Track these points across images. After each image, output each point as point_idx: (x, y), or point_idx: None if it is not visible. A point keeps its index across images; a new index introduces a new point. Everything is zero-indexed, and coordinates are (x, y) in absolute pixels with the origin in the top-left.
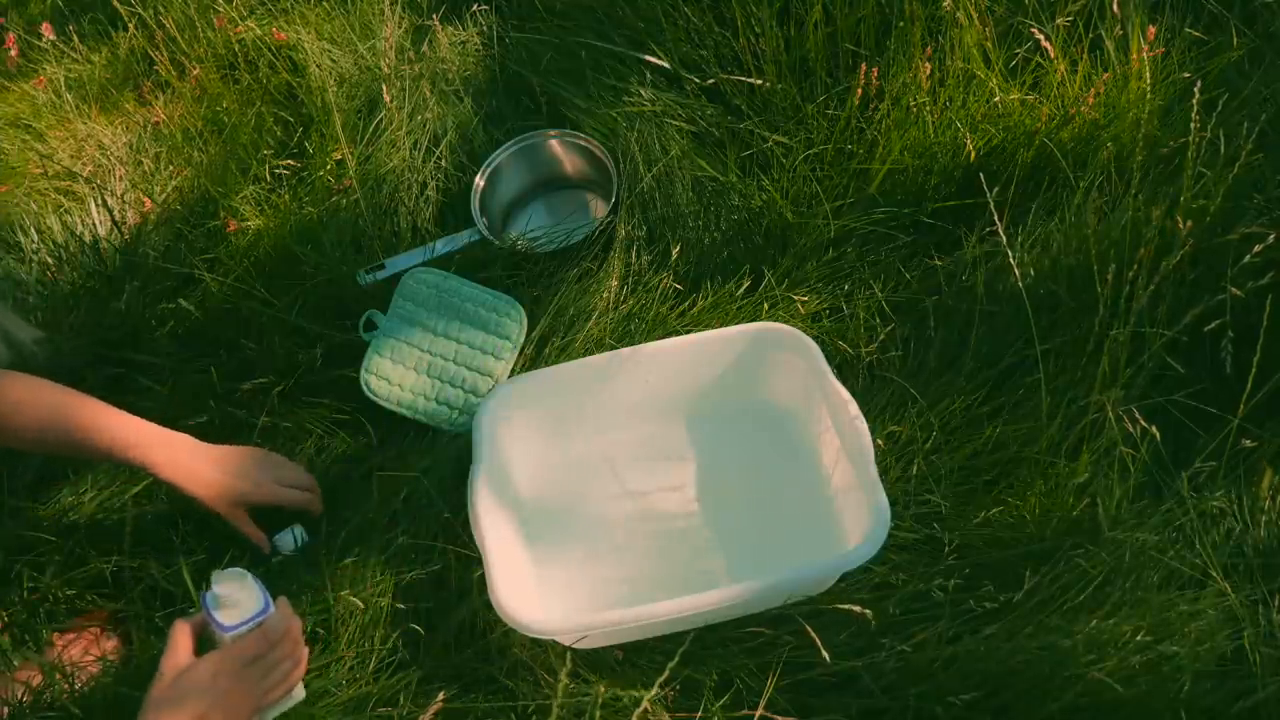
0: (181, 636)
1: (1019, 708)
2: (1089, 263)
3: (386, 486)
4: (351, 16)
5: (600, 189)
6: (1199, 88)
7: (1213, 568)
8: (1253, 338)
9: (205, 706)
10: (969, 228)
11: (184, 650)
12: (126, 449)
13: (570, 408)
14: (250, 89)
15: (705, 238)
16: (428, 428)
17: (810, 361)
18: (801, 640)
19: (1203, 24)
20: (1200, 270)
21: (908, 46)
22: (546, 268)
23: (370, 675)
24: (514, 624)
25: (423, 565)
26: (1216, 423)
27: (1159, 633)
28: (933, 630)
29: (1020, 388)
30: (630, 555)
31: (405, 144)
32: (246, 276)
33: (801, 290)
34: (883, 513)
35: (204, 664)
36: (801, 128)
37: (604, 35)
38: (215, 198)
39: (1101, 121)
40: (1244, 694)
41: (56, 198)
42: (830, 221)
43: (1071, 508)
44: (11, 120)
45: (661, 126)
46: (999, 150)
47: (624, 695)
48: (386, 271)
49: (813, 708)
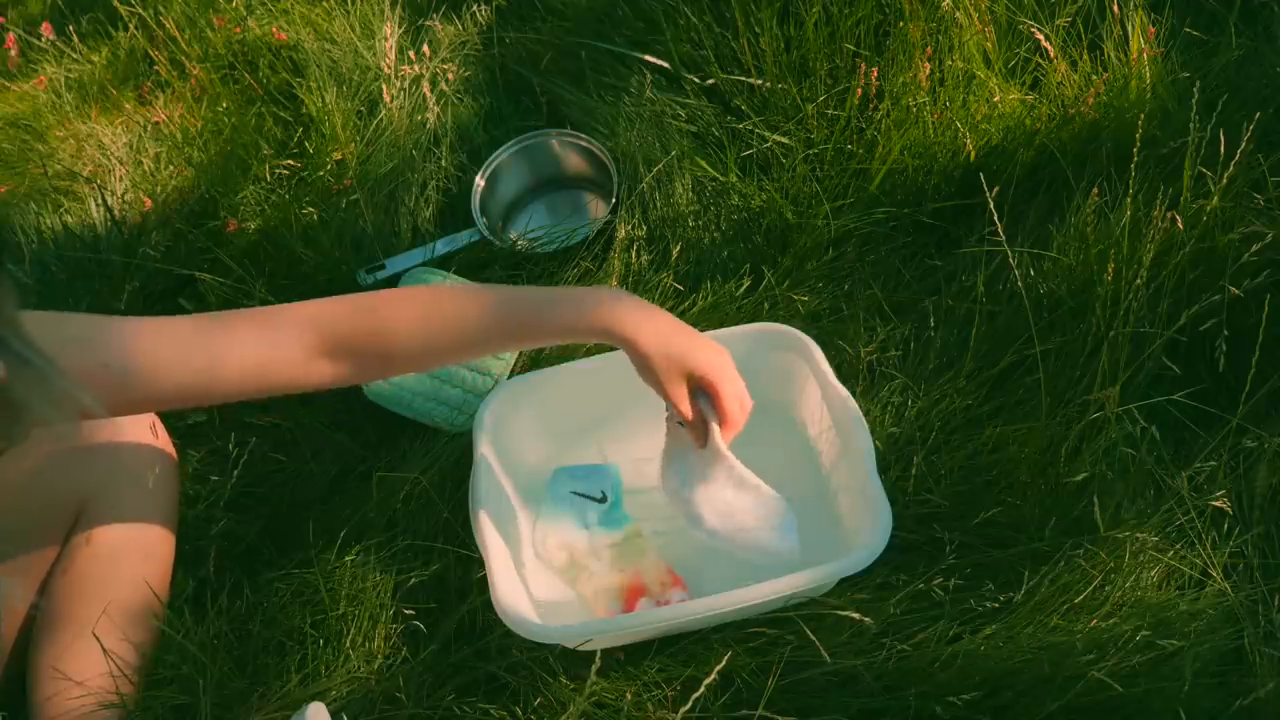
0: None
1: (1019, 708)
2: (1089, 262)
3: (386, 486)
4: (351, 16)
5: (600, 189)
6: (1199, 88)
7: (1213, 568)
8: (1252, 337)
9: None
10: (969, 228)
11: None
12: (596, 326)
13: (570, 408)
14: (250, 89)
15: (705, 238)
16: (428, 428)
17: (810, 361)
18: (801, 640)
19: (1203, 24)
20: (1200, 270)
21: (908, 46)
22: (546, 268)
23: (372, 675)
24: (515, 627)
25: (423, 565)
26: (1216, 423)
27: (1159, 633)
28: (933, 630)
29: (1020, 388)
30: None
31: (405, 144)
32: (246, 277)
33: (801, 290)
34: (885, 516)
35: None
36: (801, 128)
37: (604, 35)
38: (215, 198)
39: (1101, 121)
40: (1244, 694)
41: (56, 198)
42: (830, 221)
43: (1071, 508)
44: (11, 120)
45: (661, 126)
46: (999, 150)
47: (624, 695)
48: (386, 271)
49: (813, 708)
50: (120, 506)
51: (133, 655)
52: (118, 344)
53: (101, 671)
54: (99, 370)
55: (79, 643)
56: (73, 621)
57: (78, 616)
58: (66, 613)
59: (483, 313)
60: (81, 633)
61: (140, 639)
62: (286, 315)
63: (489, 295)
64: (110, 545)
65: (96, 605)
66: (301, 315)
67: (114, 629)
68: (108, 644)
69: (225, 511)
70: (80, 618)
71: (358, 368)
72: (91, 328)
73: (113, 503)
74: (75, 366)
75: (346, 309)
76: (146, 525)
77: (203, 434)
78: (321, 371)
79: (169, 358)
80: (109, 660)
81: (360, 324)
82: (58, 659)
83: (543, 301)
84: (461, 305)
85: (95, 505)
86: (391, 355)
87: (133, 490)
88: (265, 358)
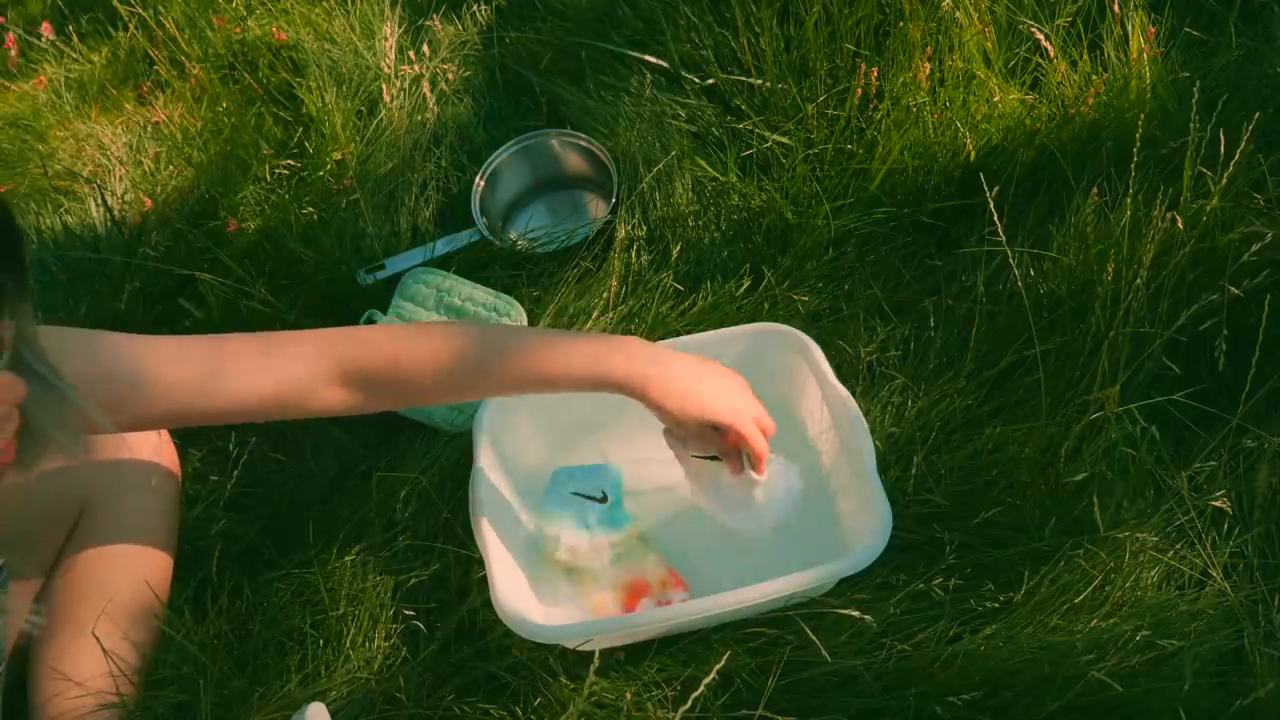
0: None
1: (1019, 708)
2: (1089, 262)
3: (386, 486)
4: (351, 16)
5: (600, 189)
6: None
7: (1213, 568)
8: (1252, 337)
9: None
10: (969, 228)
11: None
12: (611, 378)
13: (570, 408)
14: (250, 89)
15: (705, 238)
16: (428, 428)
17: (810, 361)
18: (801, 640)
19: (1203, 24)
20: (1200, 270)
21: (908, 46)
22: (546, 268)
23: (372, 675)
24: (515, 627)
25: (423, 565)
26: (1216, 423)
27: (1159, 633)
28: (933, 630)
29: (1020, 388)
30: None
31: (405, 144)
32: (246, 276)
33: (801, 290)
34: (885, 516)
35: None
36: (801, 128)
37: (604, 35)
38: (215, 198)
39: (1101, 121)
40: (1244, 694)
41: (56, 198)
42: (830, 221)
43: (1071, 508)
44: (11, 120)
45: (661, 126)
46: (999, 150)
47: (624, 695)
48: (386, 271)
49: (813, 708)
50: (122, 507)
51: (133, 655)
52: (131, 364)
53: (101, 672)
54: (118, 389)
55: (79, 643)
56: (72, 621)
57: (78, 616)
58: (66, 613)
59: (502, 359)
60: (81, 633)
61: (140, 639)
62: (304, 341)
63: (509, 340)
64: (111, 546)
65: (96, 605)
66: (320, 342)
67: (114, 629)
68: (108, 644)
69: (225, 511)
70: (80, 618)
71: (369, 397)
72: (104, 345)
73: (114, 504)
74: (90, 385)
75: (363, 339)
76: (147, 526)
77: (203, 434)
78: (335, 399)
79: (184, 378)
80: (109, 660)
81: (375, 354)
82: (58, 659)
83: (559, 352)
84: (477, 347)
85: (97, 506)
86: (402, 387)
87: (134, 491)
88: (280, 383)
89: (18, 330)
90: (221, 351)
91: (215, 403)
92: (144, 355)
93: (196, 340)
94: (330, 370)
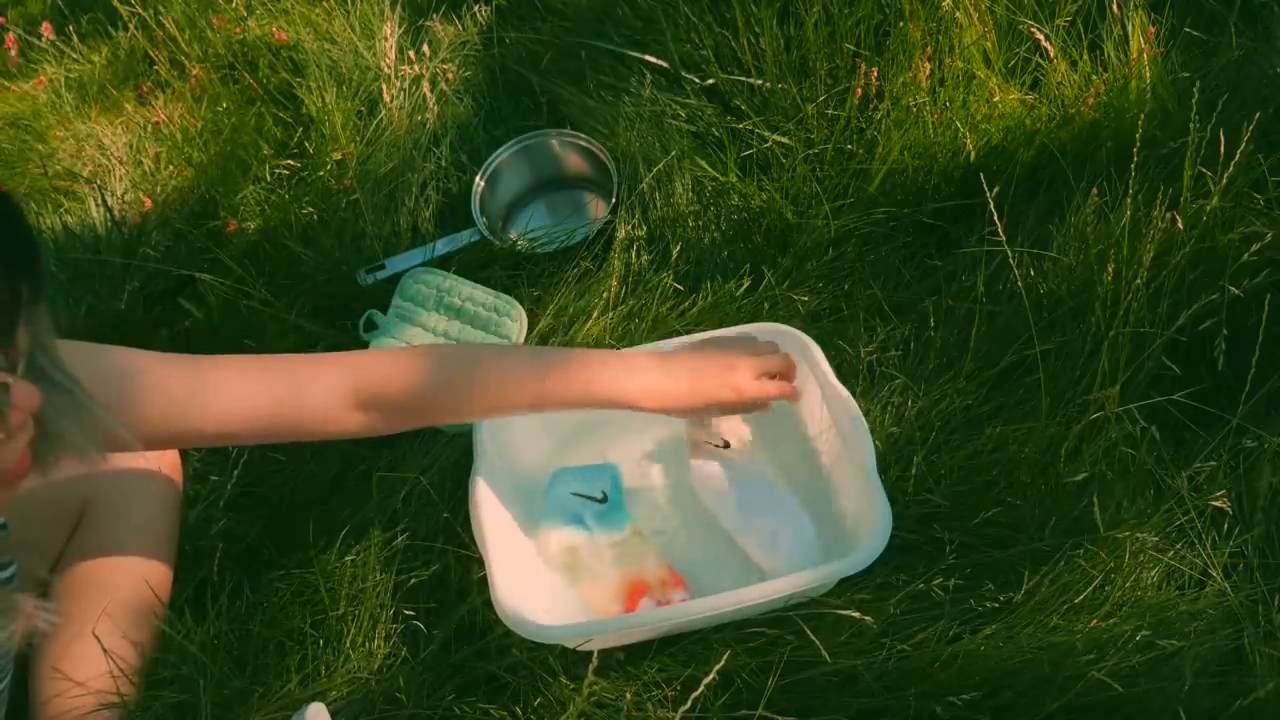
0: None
1: (1019, 708)
2: (1089, 262)
3: (386, 486)
4: (351, 16)
5: (600, 189)
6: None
7: (1213, 568)
8: (1252, 337)
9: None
10: (969, 228)
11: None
12: (609, 397)
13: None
14: (250, 89)
15: (705, 238)
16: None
17: (810, 361)
18: (801, 640)
19: (1202, 24)
20: (1200, 270)
21: (908, 46)
22: (546, 268)
23: (372, 675)
24: (515, 627)
25: (423, 565)
26: (1216, 423)
27: (1159, 633)
28: (933, 630)
29: (1020, 388)
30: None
31: (405, 144)
32: (246, 277)
33: (801, 290)
34: (885, 516)
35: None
36: (801, 128)
37: (604, 35)
38: (215, 198)
39: (1101, 121)
40: (1244, 694)
41: (56, 198)
42: (830, 221)
43: (1071, 508)
44: (11, 120)
45: (661, 126)
46: (999, 150)
47: (624, 695)
48: (386, 271)
49: (813, 708)
50: (123, 508)
51: (133, 655)
52: (156, 382)
53: (102, 671)
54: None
55: (79, 643)
56: (73, 621)
57: (79, 616)
58: (67, 613)
59: (518, 381)
60: (82, 633)
61: (141, 639)
62: (326, 365)
63: (522, 362)
64: (112, 546)
65: (97, 605)
66: (342, 366)
67: (114, 629)
68: (108, 644)
69: (225, 511)
70: (81, 618)
71: (388, 421)
72: (129, 361)
73: (116, 504)
74: (114, 402)
75: (382, 363)
76: (148, 526)
77: None
78: (353, 421)
79: (201, 400)
80: (109, 660)
81: (395, 379)
82: (58, 659)
83: (574, 371)
84: (490, 368)
85: (98, 506)
86: (423, 412)
87: (135, 491)
88: (300, 406)
89: (34, 338)
90: (247, 375)
91: (253, 428)
92: (168, 375)
93: (224, 362)
94: (353, 395)
